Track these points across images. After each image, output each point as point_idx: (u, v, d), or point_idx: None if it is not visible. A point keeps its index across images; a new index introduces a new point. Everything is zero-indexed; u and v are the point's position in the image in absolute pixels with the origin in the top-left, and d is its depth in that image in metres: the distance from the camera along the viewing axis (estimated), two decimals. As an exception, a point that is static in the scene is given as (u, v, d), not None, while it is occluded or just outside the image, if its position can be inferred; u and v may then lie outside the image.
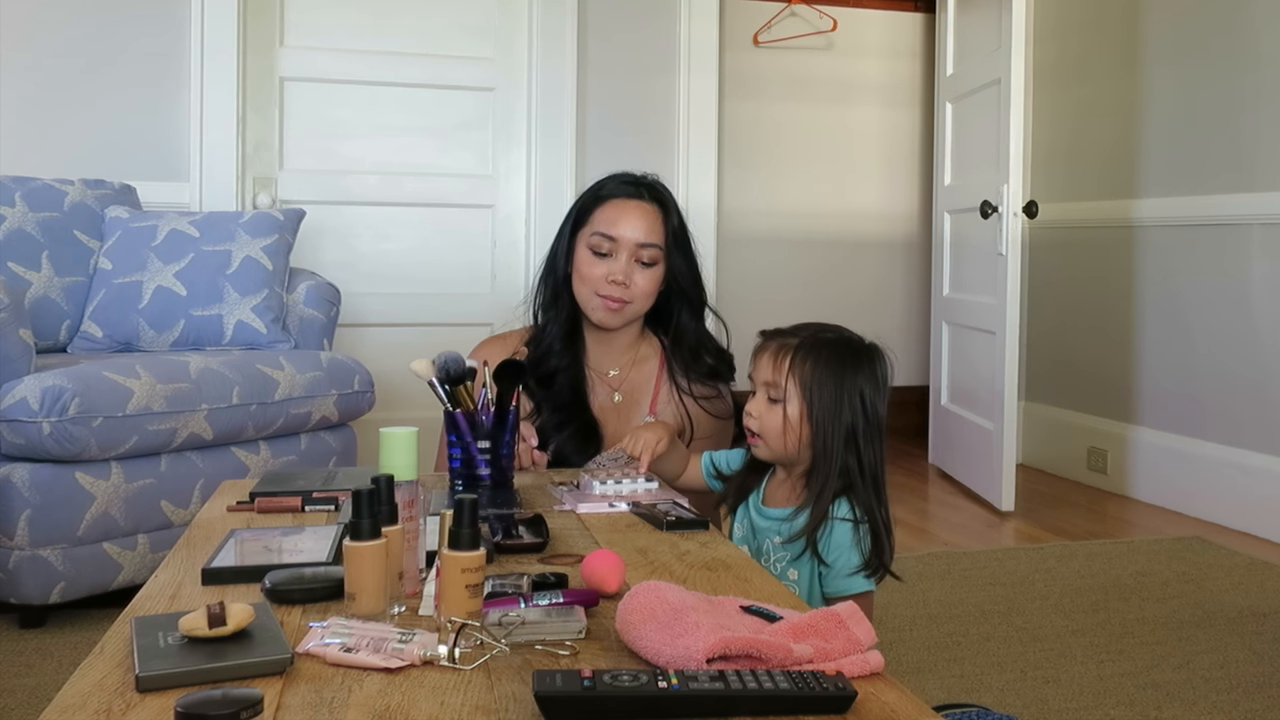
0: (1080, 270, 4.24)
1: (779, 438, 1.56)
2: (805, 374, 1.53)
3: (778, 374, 1.55)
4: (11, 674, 2.16)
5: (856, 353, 1.57)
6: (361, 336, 3.71)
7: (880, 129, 5.05)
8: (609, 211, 2.02)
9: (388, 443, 1.43)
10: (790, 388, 1.54)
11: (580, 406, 2.02)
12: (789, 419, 1.54)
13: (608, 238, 2.00)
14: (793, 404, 1.54)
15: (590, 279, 2.00)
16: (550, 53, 3.87)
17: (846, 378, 1.54)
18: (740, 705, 0.88)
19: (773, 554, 1.58)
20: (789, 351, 1.55)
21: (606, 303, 2.00)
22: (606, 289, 1.99)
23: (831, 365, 1.54)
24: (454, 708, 0.90)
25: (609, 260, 2.00)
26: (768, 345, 1.59)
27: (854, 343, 1.59)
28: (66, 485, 2.35)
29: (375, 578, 1.09)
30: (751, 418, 1.58)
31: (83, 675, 0.95)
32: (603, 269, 2.00)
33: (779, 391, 1.55)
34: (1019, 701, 2.09)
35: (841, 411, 1.53)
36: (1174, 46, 3.77)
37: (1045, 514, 3.68)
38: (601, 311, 2.02)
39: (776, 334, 1.60)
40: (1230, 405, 3.54)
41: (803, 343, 1.55)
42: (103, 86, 3.47)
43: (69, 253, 2.94)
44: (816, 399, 1.53)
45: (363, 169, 3.82)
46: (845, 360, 1.55)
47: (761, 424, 1.57)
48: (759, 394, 1.58)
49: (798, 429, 1.54)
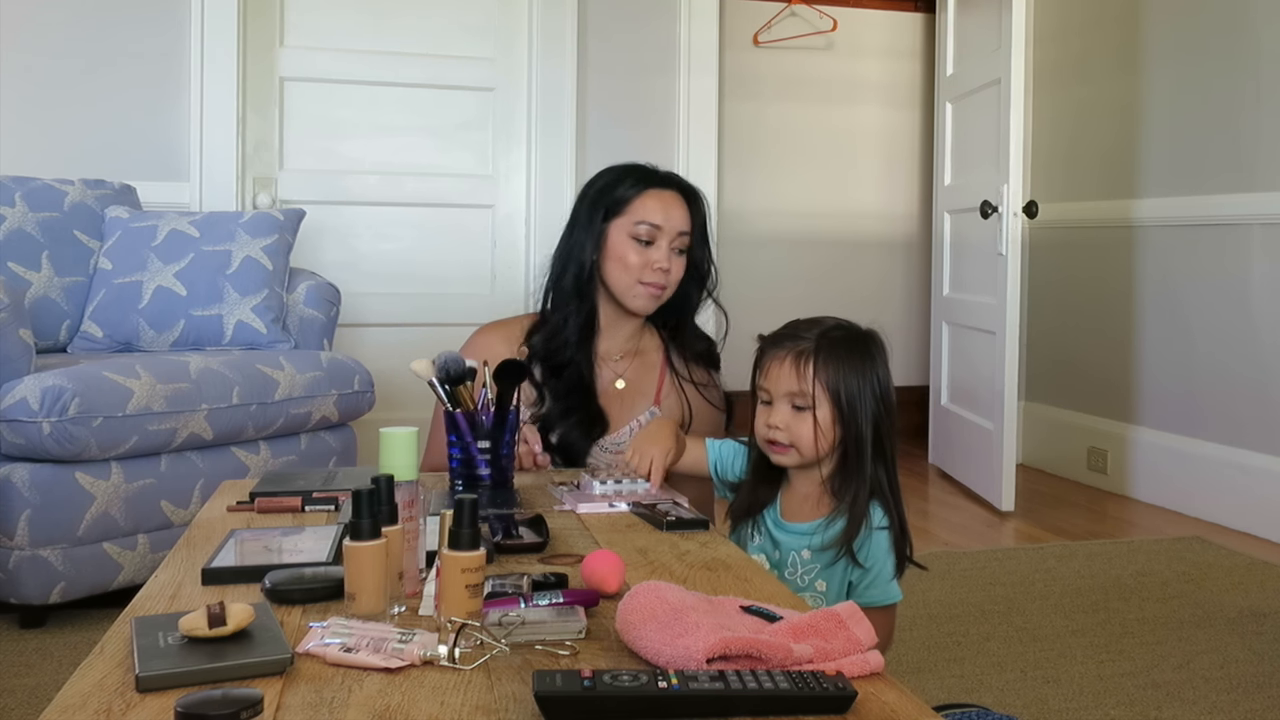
0: (1080, 270, 4.24)
1: (811, 445, 1.53)
2: (830, 377, 1.52)
3: (803, 382, 1.52)
4: (11, 674, 2.16)
5: (865, 342, 1.57)
6: (361, 336, 3.71)
7: (880, 129, 5.05)
8: (651, 201, 2.04)
9: (388, 443, 1.43)
10: (818, 393, 1.52)
11: (588, 395, 2.03)
12: (820, 424, 1.52)
13: (654, 226, 2.02)
14: (823, 409, 1.52)
15: (634, 267, 2.03)
16: (550, 53, 3.87)
17: (866, 371, 1.54)
18: (740, 705, 0.88)
19: (800, 566, 1.56)
20: (808, 357, 1.53)
21: (650, 290, 2.03)
22: (651, 276, 2.02)
23: (852, 362, 1.53)
24: (454, 708, 0.90)
25: (652, 248, 2.03)
26: (780, 353, 1.55)
27: (860, 334, 1.58)
28: (66, 485, 2.35)
29: (375, 578, 1.09)
30: (778, 430, 1.54)
31: (83, 675, 0.95)
32: (647, 257, 2.02)
33: (806, 399, 1.52)
34: (1019, 701, 2.09)
35: (867, 405, 1.53)
36: (1174, 46, 3.77)
37: (1045, 514, 3.68)
38: (644, 299, 2.05)
39: (783, 340, 1.57)
40: (1230, 405, 3.54)
41: (819, 345, 1.54)
42: (103, 86, 3.47)
43: (69, 253, 2.94)
44: (845, 399, 1.52)
45: (363, 169, 3.82)
46: (860, 354, 1.55)
47: (792, 434, 1.53)
48: (780, 404, 1.54)
49: (830, 433, 1.53)
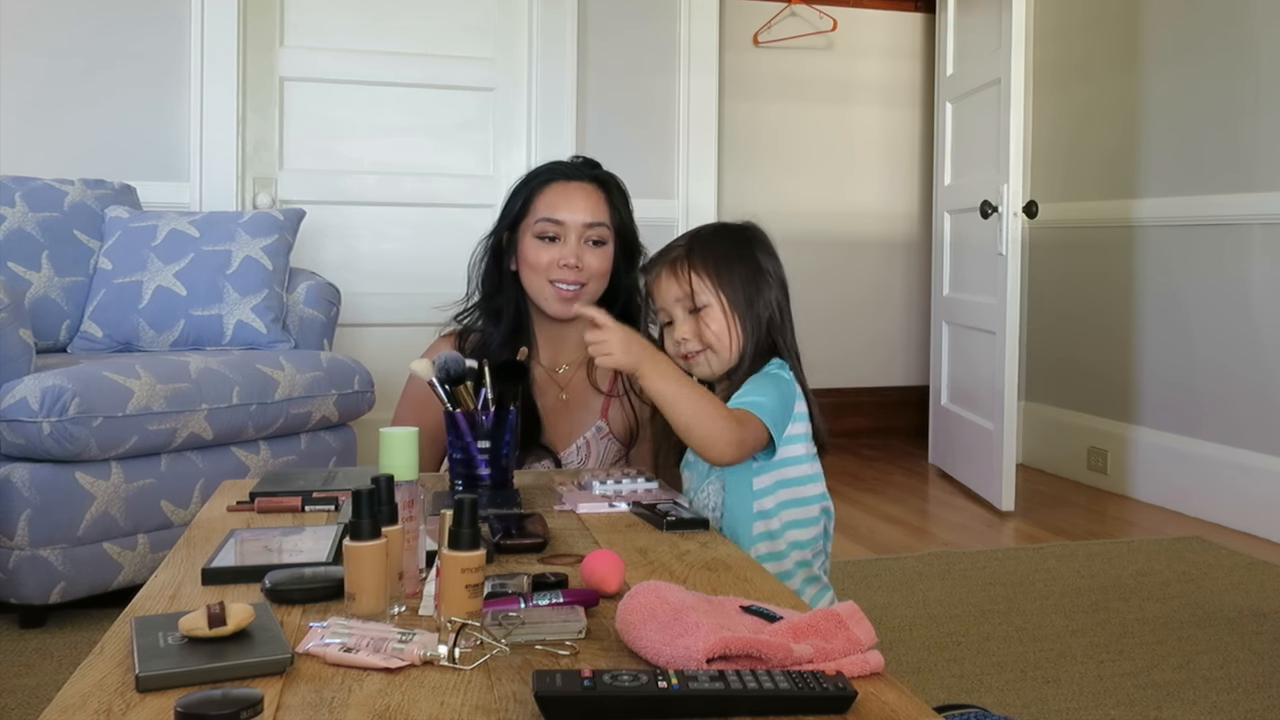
0: (1080, 270, 4.24)
1: (724, 341, 1.54)
2: (709, 271, 1.54)
3: (684, 284, 1.54)
4: (11, 674, 2.16)
5: (739, 232, 1.59)
6: (361, 336, 3.71)
7: (880, 129, 5.05)
8: (550, 196, 1.99)
9: (388, 443, 1.43)
10: (702, 288, 1.53)
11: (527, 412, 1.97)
12: (713, 323, 1.53)
13: (554, 221, 1.96)
14: (712, 305, 1.53)
15: (540, 266, 1.97)
16: (550, 53, 3.87)
17: (744, 256, 1.55)
18: (740, 705, 0.88)
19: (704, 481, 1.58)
20: (683, 260, 1.55)
21: (560, 290, 1.97)
22: (559, 274, 1.96)
23: (727, 253, 1.55)
24: (454, 708, 0.90)
25: (558, 245, 1.97)
26: (657, 267, 1.58)
27: (734, 226, 1.60)
28: (66, 485, 2.35)
29: (375, 578, 1.09)
30: (686, 340, 1.55)
31: (83, 675, 0.95)
32: (552, 254, 1.97)
33: (696, 299, 1.54)
34: (1019, 701, 2.09)
35: (761, 290, 1.54)
36: (1174, 46, 3.77)
37: (1045, 514, 3.68)
38: (556, 302, 1.98)
39: (658, 257, 1.59)
40: (1230, 405, 3.54)
41: (690, 246, 1.56)
42: (103, 86, 3.47)
43: (69, 253, 2.94)
44: (728, 288, 1.53)
45: (363, 169, 3.82)
46: (736, 243, 1.57)
47: (702, 339, 1.55)
48: (679, 316, 1.56)
49: (731, 326, 1.53)
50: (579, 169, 2.04)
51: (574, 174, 2.02)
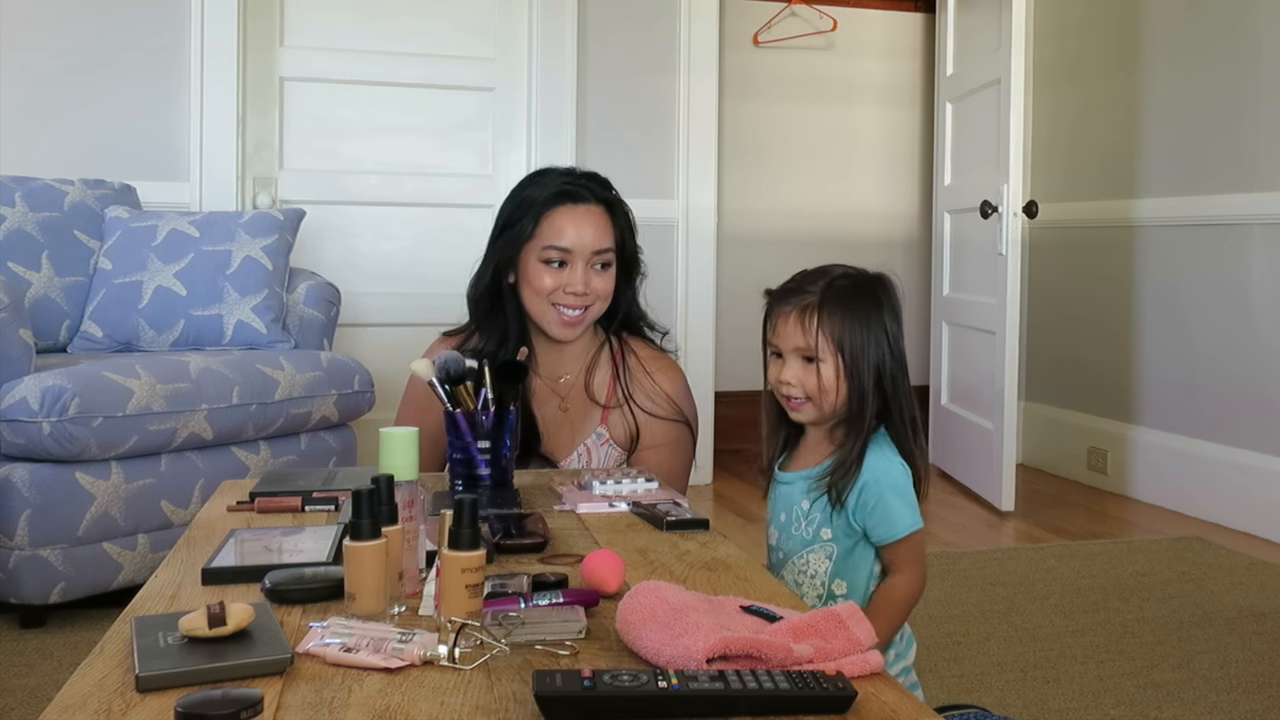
0: (1080, 270, 4.24)
1: (827, 398, 1.55)
2: (834, 330, 1.54)
3: (808, 336, 1.54)
4: (11, 674, 2.16)
5: (872, 290, 1.58)
6: (361, 336, 3.71)
7: (880, 129, 5.05)
8: (558, 221, 1.95)
9: (388, 443, 1.43)
10: (823, 346, 1.54)
11: (526, 425, 1.96)
12: (826, 378, 1.54)
13: (561, 249, 1.94)
14: (827, 362, 1.54)
15: (545, 290, 1.95)
16: (550, 53, 3.87)
17: (872, 320, 1.55)
18: (740, 705, 0.88)
19: (802, 519, 1.58)
20: (813, 311, 1.55)
21: (563, 314, 1.95)
22: (564, 299, 1.94)
23: (857, 313, 1.55)
24: (454, 708, 0.90)
25: (565, 270, 1.94)
26: (786, 308, 1.57)
27: (867, 281, 1.59)
28: (66, 485, 2.35)
29: (375, 578, 1.09)
30: (791, 385, 1.56)
31: (83, 675, 0.95)
32: (559, 279, 1.94)
33: (814, 353, 1.55)
34: (1019, 701, 2.09)
35: (869, 354, 1.54)
36: (1174, 46, 3.77)
37: (1045, 514, 3.68)
38: (557, 326, 1.97)
39: (788, 294, 1.59)
40: (1230, 405, 3.54)
41: (824, 299, 1.55)
42: (103, 86, 3.47)
43: (69, 253, 2.94)
44: (849, 352, 1.54)
45: (363, 169, 3.82)
46: (866, 303, 1.56)
47: (806, 388, 1.56)
48: (791, 359, 1.57)
49: (839, 386, 1.54)
50: (587, 189, 1.99)
51: (581, 196, 1.98)
